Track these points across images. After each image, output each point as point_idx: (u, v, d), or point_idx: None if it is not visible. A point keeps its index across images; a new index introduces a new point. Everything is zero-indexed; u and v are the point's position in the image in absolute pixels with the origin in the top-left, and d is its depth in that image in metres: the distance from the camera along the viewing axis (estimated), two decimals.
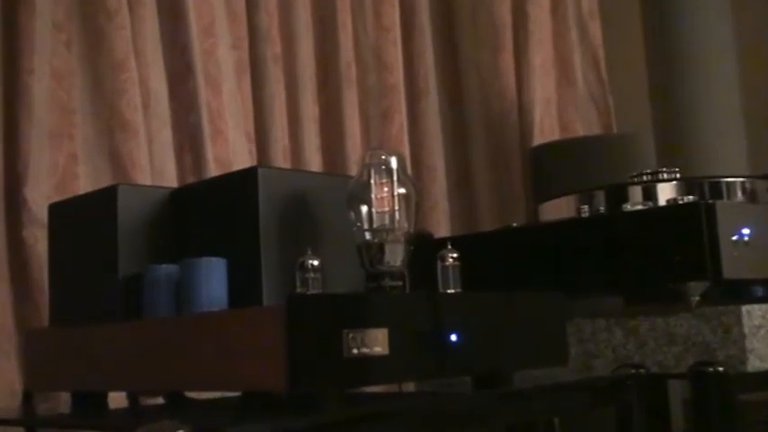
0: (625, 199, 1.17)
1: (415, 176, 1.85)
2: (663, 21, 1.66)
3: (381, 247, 0.94)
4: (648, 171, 1.19)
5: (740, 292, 1.03)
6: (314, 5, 1.73)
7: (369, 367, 0.77)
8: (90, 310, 0.97)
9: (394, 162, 0.98)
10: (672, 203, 1.06)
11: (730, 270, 0.97)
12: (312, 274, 0.87)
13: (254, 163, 1.60)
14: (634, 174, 1.22)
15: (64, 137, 1.35)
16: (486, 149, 1.97)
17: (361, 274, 0.96)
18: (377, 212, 0.95)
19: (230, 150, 1.56)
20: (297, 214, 0.98)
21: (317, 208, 1.01)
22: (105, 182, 1.34)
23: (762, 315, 0.99)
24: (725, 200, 1.09)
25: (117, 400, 0.99)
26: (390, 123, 1.80)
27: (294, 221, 0.97)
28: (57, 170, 1.32)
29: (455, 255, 0.95)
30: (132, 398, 1.02)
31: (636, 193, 1.17)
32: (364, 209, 0.97)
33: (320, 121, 1.75)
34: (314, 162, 1.69)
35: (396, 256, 0.94)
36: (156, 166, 1.46)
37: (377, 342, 0.78)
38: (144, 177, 1.40)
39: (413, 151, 1.88)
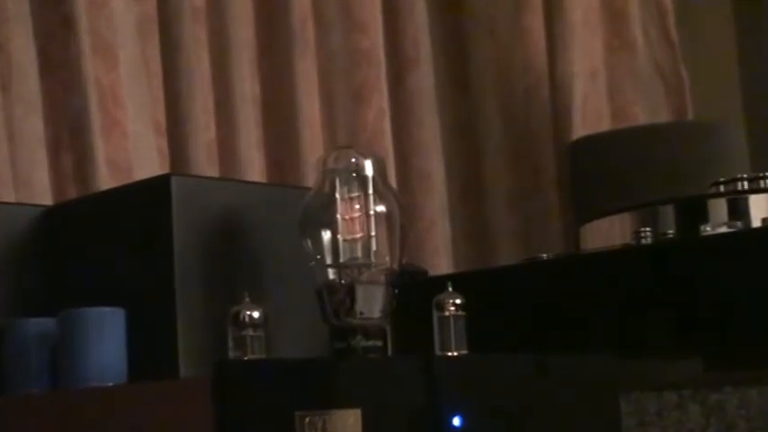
0: (704, 218, 1.19)
1: (402, 186, 1.83)
2: None
3: (351, 291, 0.96)
4: (738, 177, 1.20)
5: None
6: None
7: None
8: None
9: (369, 166, 1.00)
10: None
11: None
12: (251, 331, 0.88)
13: (166, 167, 1.61)
14: (717, 181, 1.23)
15: None
16: (505, 146, 1.96)
17: (323, 329, 0.98)
18: (345, 240, 0.97)
19: (130, 149, 1.57)
20: (229, 244, 1.02)
21: (258, 234, 1.04)
22: None
23: None
24: None
25: None
26: (365, 108, 1.81)
27: (225, 254, 1.01)
28: None
29: (459, 301, 0.96)
30: None
31: (719, 208, 1.19)
32: (326, 235, 0.98)
33: (262, 103, 1.76)
34: (254, 165, 1.70)
35: (372, 303, 0.97)
36: (20, 173, 1.47)
37: (346, 429, 0.78)
38: (2, 189, 1.41)
39: (398, 149, 1.87)
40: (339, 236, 0.98)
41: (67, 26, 1.52)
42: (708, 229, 1.16)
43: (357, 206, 1.00)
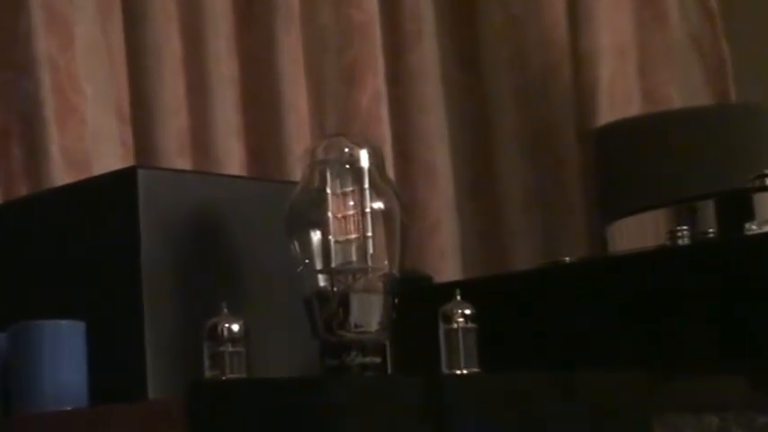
0: (749, 214, 1.18)
1: (402, 181, 1.82)
2: None
3: (345, 300, 0.98)
4: None
5: None
6: None
7: None
8: None
9: (364, 157, 1.01)
10: None
11: None
12: (230, 347, 0.89)
13: (131, 160, 1.61)
14: (764, 172, 1.23)
15: None
16: (521, 133, 1.95)
17: (312, 345, 0.99)
18: (337, 242, 0.98)
19: (89, 138, 1.58)
20: (204, 246, 1.04)
21: (237, 235, 1.06)
22: None
23: None
24: None
25: None
26: (358, 91, 1.81)
27: (200, 258, 1.03)
28: None
29: (469, 311, 0.97)
30: None
31: (766, 203, 1.19)
32: (316, 236, 1.00)
33: (241, 85, 1.76)
34: (231, 157, 1.70)
35: (369, 314, 0.98)
36: None
37: None
38: None
39: (397, 138, 1.88)
40: (330, 237, 0.99)
41: None
42: (753, 227, 1.16)
43: (351, 203, 1.00)
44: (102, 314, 0.98)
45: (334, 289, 0.98)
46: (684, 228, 1.20)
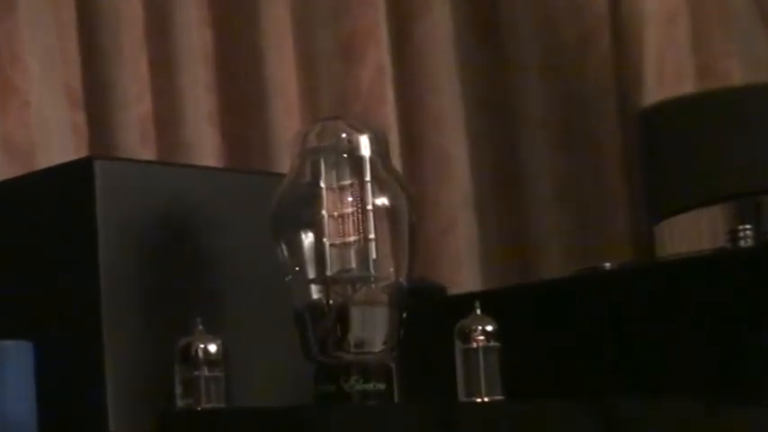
0: None
1: (411, 171, 1.83)
2: None
3: (343, 315, 0.98)
4: None
5: None
6: None
7: None
8: None
9: (365, 144, 1.02)
10: None
11: None
12: (206, 371, 0.91)
13: (85, 149, 1.62)
14: None
15: None
16: (551, 115, 1.94)
17: (304, 367, 0.99)
18: (333, 246, 0.99)
19: (34, 124, 1.59)
20: (174, 250, 1.04)
21: (213, 238, 1.06)
22: None
23: None
24: None
25: None
26: (358, 67, 1.82)
27: (169, 265, 1.03)
28: None
29: (490, 327, 0.98)
30: None
31: None
32: (308, 239, 1.00)
33: (216, 61, 1.77)
34: (204, 146, 1.71)
35: (372, 331, 0.99)
36: None
37: None
38: None
39: (405, 122, 1.88)
40: (325, 240, 0.99)
41: None
42: None
43: (350, 199, 1.01)
44: (54, 332, 0.98)
45: (330, 302, 0.98)
46: (747, 227, 1.20)
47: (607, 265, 1.27)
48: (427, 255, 1.76)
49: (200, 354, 0.91)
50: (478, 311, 1.00)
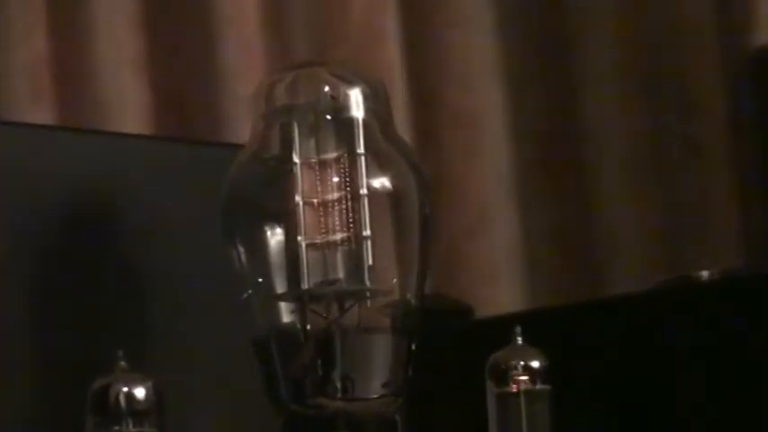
0: None
1: (424, 140, 1.82)
2: None
3: (327, 346, 1.00)
4: None
5: None
6: None
7: None
8: None
9: (357, 101, 1.04)
10: None
11: None
12: (131, 425, 0.94)
13: None
14: None
15: None
16: (624, 58, 1.92)
17: (270, 418, 1.01)
18: (312, 247, 1.00)
19: None
20: (84, 248, 1.07)
21: (138, 233, 1.10)
22: None
23: None
24: None
25: None
26: None
27: (77, 269, 1.06)
28: None
29: (537, 363, 1.02)
30: None
31: None
32: (274, 237, 1.02)
33: None
34: (128, 102, 1.74)
35: (368, 369, 1.00)
36: None
37: None
38: None
39: (414, 68, 1.88)
40: (300, 238, 1.00)
41: None
42: None
43: (335, 180, 1.02)
44: None
45: (308, 327, 0.99)
46: None
47: (704, 273, 1.30)
48: (447, 261, 1.79)
49: (123, 400, 0.94)
50: (520, 340, 1.02)
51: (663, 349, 1.27)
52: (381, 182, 1.03)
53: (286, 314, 1.02)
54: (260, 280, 1.02)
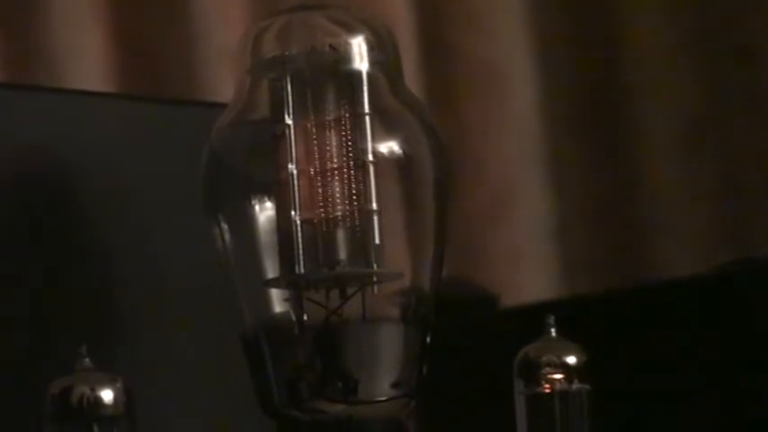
0: None
1: (441, 101, 1.80)
2: None
3: (326, 341, 0.97)
4: None
5: None
6: None
7: None
8: None
9: (360, 52, 1.00)
10: None
11: None
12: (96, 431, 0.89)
13: None
14: None
15: None
16: (676, 16, 1.91)
17: (261, 424, 1.00)
18: (307, 224, 0.97)
19: None
20: (41, 227, 1.06)
21: (104, 208, 1.08)
22: None
23: None
24: None
25: None
26: None
27: (32, 252, 1.06)
28: None
29: (574, 360, 0.98)
30: None
31: None
32: (264, 213, 1.00)
33: None
34: (85, 48, 1.72)
35: (375, 366, 0.98)
36: None
37: None
38: None
39: (428, 12, 1.87)
40: (294, 213, 0.96)
41: None
42: None
43: (335, 143, 0.98)
44: None
45: (304, 318, 0.96)
46: None
47: None
48: (469, 243, 1.77)
49: (86, 403, 0.91)
50: (553, 333, 0.99)
51: (721, 343, 1.28)
52: (390, 146, 1.01)
53: (278, 303, 1.00)
54: (247, 263, 1.01)
